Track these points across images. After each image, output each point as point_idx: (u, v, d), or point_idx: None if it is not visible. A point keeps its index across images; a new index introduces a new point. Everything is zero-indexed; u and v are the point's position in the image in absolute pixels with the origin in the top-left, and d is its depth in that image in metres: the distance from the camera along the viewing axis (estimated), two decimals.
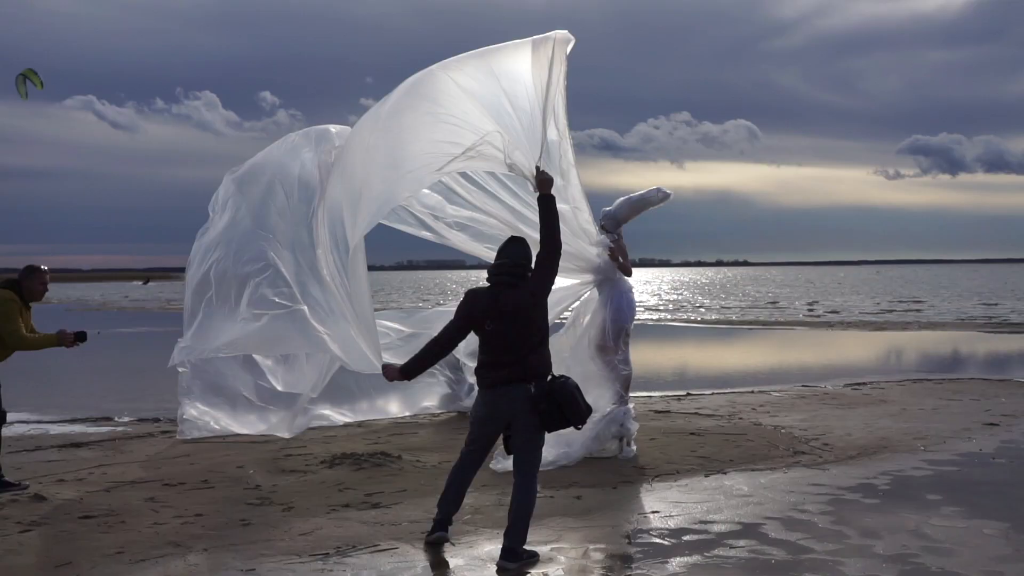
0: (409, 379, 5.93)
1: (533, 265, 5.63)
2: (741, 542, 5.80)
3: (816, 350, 21.81)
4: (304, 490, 7.26)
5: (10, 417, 7.90)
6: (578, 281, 8.22)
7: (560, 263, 5.74)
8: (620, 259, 8.31)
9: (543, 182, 5.81)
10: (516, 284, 5.53)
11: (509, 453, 5.65)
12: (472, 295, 5.63)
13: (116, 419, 11.23)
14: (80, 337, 7.41)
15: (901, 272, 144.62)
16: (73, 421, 11.09)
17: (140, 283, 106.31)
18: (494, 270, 5.60)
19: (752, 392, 13.02)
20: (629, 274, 8.43)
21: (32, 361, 8.22)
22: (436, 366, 8.63)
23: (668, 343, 24.45)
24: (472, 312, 5.56)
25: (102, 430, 10.42)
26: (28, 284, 7.34)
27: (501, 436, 5.63)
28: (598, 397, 7.91)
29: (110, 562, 5.49)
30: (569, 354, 8.08)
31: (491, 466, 7.50)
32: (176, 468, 8.08)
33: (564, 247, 5.85)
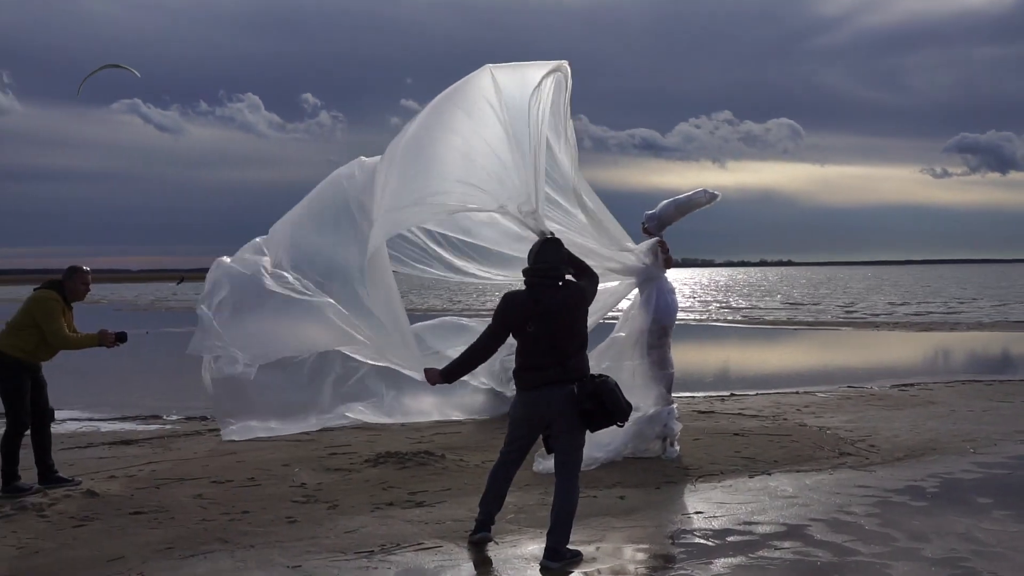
0: (449, 383, 5.95)
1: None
2: (786, 543, 5.76)
3: (861, 351, 21.55)
4: (349, 488, 7.33)
5: (63, 415, 8.09)
6: (619, 283, 8.23)
7: (602, 268, 5.80)
8: (664, 255, 8.30)
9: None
10: (555, 285, 5.55)
11: (549, 452, 5.66)
12: (511, 298, 5.60)
13: (165, 417, 11.42)
14: (120, 337, 7.56)
15: (950, 272, 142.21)
16: (123, 419, 11.30)
17: (175, 283, 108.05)
18: (535, 271, 5.58)
19: (797, 393, 12.91)
20: (670, 266, 8.40)
21: (83, 361, 8.39)
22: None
23: (711, 343, 24.29)
24: (512, 315, 5.52)
25: (151, 428, 10.60)
26: (70, 285, 7.49)
27: (540, 436, 5.65)
28: (641, 398, 7.91)
29: (160, 557, 5.59)
30: (612, 355, 8.08)
31: (533, 468, 7.51)
32: (223, 466, 8.20)
33: (603, 259, 5.93)
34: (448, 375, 5.79)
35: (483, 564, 5.48)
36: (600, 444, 7.61)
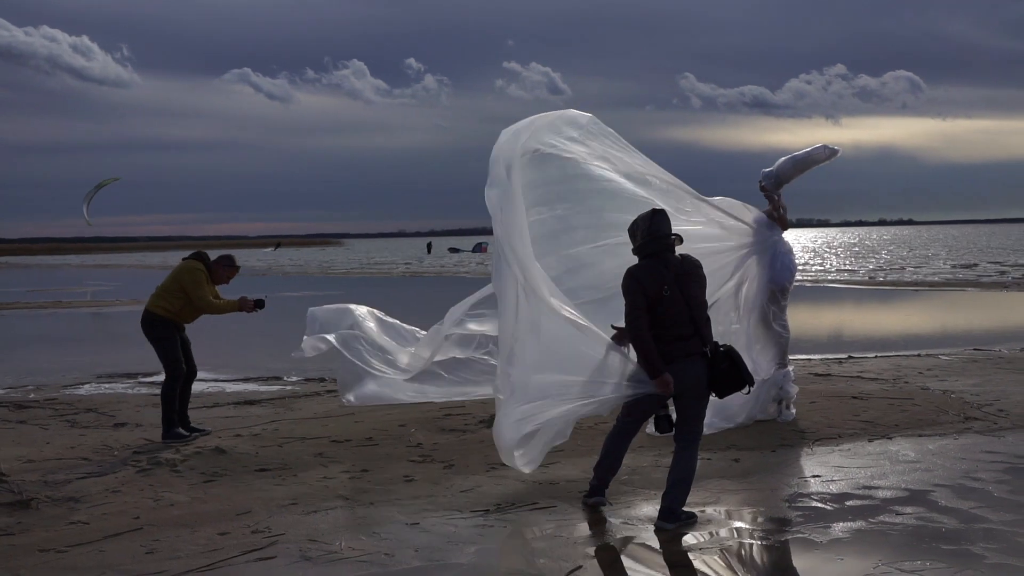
0: (663, 372, 5.33)
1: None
2: (908, 509, 5.61)
3: (989, 312, 20.70)
4: (463, 448, 7.46)
5: None
6: (738, 254, 8.09)
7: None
8: (778, 213, 8.13)
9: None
10: (674, 252, 5.50)
11: (660, 432, 5.60)
12: (638, 272, 5.41)
13: (285, 379, 11.80)
14: (259, 304, 8.25)
15: None
16: (246, 380, 11.74)
17: (271, 249, 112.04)
18: (654, 239, 5.45)
19: (919, 356, 12.47)
20: (786, 228, 8.22)
21: (207, 324, 8.77)
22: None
23: (828, 305, 23.64)
24: (647, 282, 5.34)
25: (272, 388, 10.98)
26: (217, 269, 8.26)
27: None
28: (757, 360, 7.77)
29: (285, 512, 5.81)
30: (729, 317, 7.96)
31: (646, 430, 7.48)
32: (342, 426, 8.44)
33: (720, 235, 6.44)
34: (653, 372, 5.33)
35: (597, 524, 5.52)
36: (719, 411, 7.53)
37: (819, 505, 5.75)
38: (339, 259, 71.58)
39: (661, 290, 5.31)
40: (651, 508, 5.64)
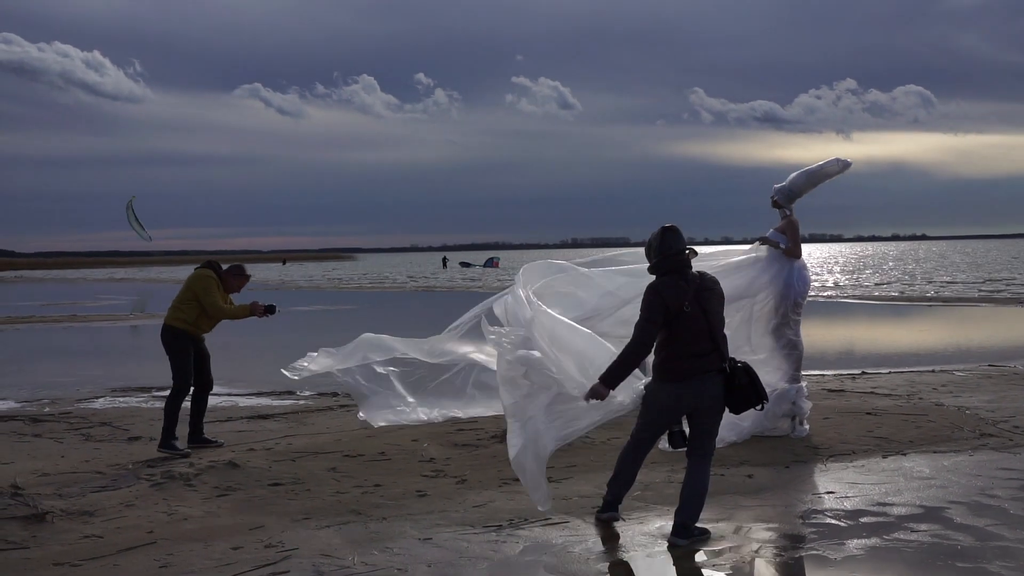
0: (614, 388, 5.52)
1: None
2: (923, 526, 5.58)
3: (1003, 328, 20.57)
4: (476, 463, 7.46)
5: None
6: (755, 271, 8.10)
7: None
8: (784, 245, 8.10)
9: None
10: (691, 267, 5.54)
11: (673, 447, 5.60)
12: (660, 286, 5.43)
13: (298, 393, 11.81)
14: (269, 309, 8.40)
15: None
16: (259, 394, 11.75)
17: (280, 264, 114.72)
18: (671, 256, 5.48)
19: (933, 371, 12.41)
20: (797, 257, 8.17)
21: (221, 338, 8.83)
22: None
23: (841, 320, 23.56)
24: (669, 297, 5.35)
25: (286, 403, 11.00)
26: (228, 278, 8.42)
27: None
28: (770, 375, 7.76)
29: (298, 527, 5.82)
30: (741, 331, 7.95)
31: (660, 446, 7.46)
32: (355, 440, 8.45)
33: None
34: (610, 381, 5.47)
35: (610, 540, 5.51)
36: (729, 424, 7.52)
37: (833, 522, 5.73)
38: (350, 272, 71.80)
39: (682, 305, 5.34)
40: (664, 524, 5.63)
